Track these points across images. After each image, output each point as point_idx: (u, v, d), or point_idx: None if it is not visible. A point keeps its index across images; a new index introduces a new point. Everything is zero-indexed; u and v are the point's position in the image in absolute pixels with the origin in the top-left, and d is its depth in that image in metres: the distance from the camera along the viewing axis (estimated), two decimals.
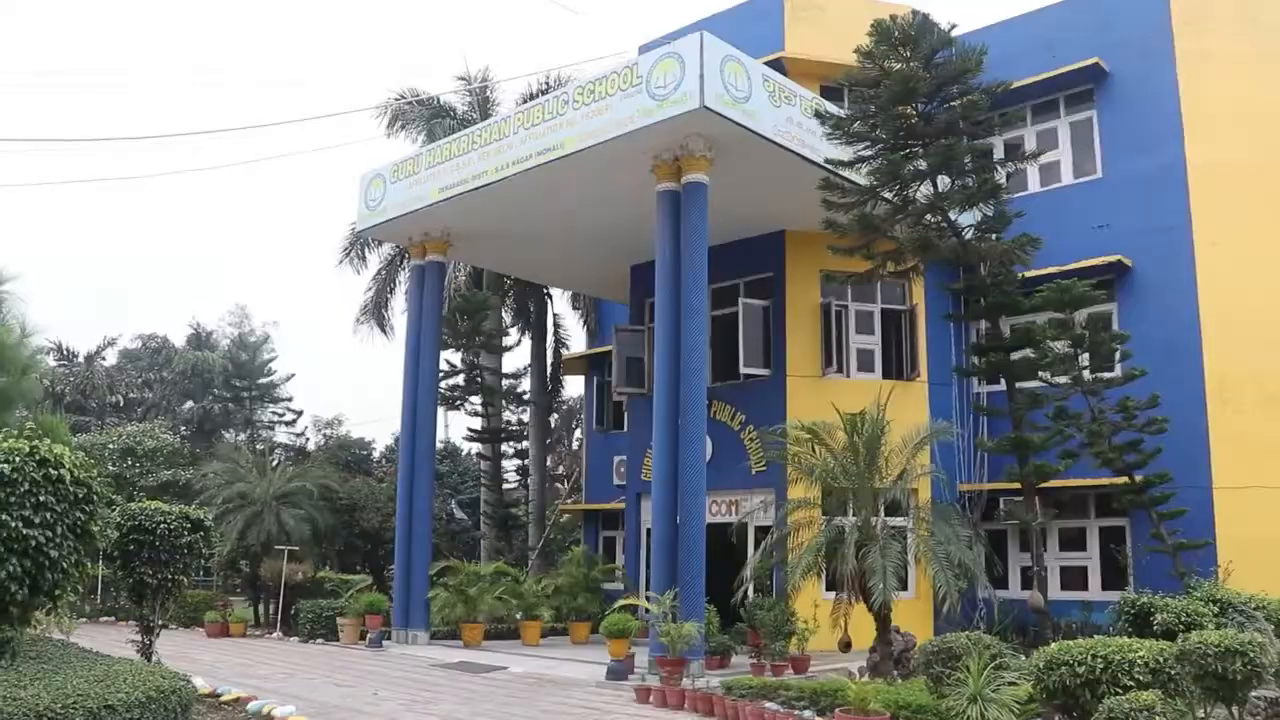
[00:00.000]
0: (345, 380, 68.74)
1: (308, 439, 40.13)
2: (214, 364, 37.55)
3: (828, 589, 16.95)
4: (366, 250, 31.38)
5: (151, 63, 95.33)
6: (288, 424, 39.43)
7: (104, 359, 41.35)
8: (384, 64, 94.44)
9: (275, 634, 22.71)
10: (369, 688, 14.75)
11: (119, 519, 11.87)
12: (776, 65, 20.58)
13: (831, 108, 17.96)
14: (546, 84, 28.98)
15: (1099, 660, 9.88)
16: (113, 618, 24.27)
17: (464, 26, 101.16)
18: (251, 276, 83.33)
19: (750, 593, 16.84)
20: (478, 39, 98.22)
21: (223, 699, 12.48)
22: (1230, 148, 19.75)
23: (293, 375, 39.17)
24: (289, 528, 24.00)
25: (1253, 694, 10.28)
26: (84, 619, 22.08)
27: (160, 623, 12.54)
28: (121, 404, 38.92)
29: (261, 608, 25.64)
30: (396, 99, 30.98)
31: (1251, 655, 9.52)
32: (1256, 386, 18.83)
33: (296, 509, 24.55)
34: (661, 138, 16.72)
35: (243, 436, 36.98)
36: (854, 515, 14.63)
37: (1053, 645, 10.65)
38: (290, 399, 39.33)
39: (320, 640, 21.34)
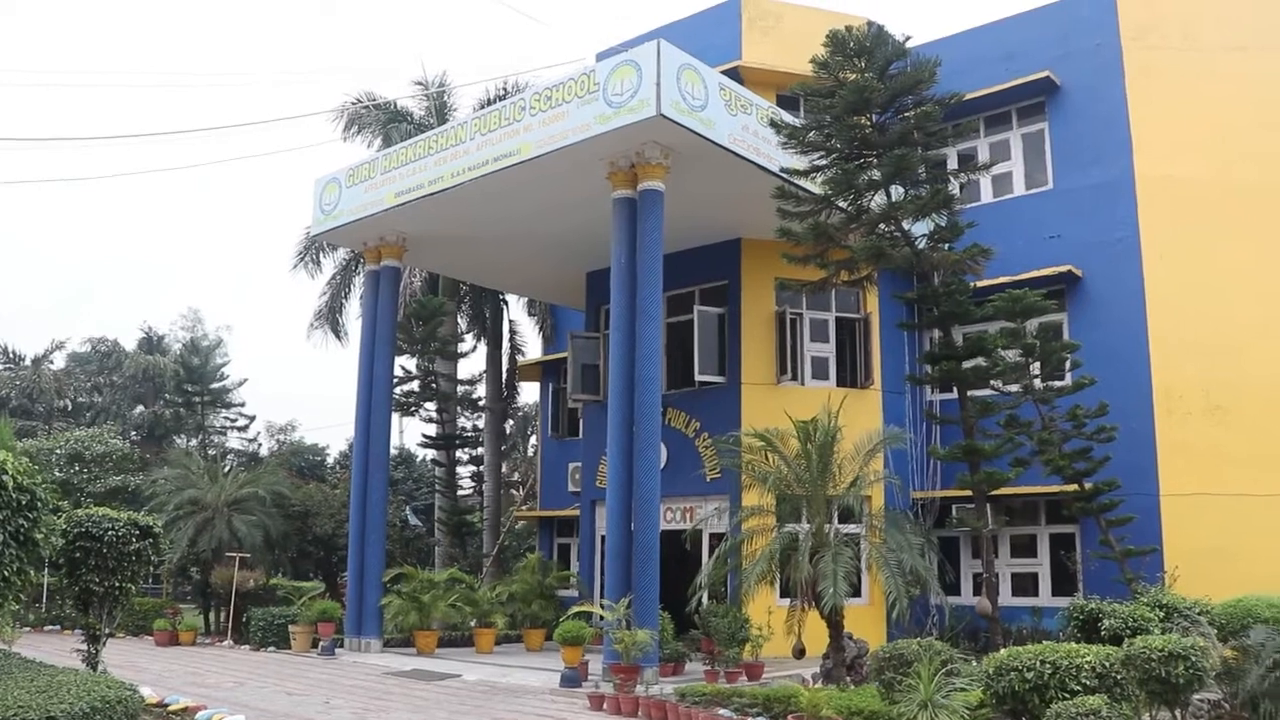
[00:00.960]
0: (299, 386, 68.34)
1: (261, 444, 39.86)
2: (165, 368, 37.20)
3: (782, 596, 17.07)
4: (321, 255, 31.17)
5: (116, 64, 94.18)
6: (240, 429, 39.14)
7: (52, 362, 40.81)
8: (342, 68, 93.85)
9: (226, 642, 22.45)
10: (320, 696, 14.64)
11: (65, 526, 11.67)
12: (733, 74, 20.68)
13: (787, 117, 18.06)
14: (504, 90, 28.98)
15: (1047, 665, 10.02)
16: (58, 626, 23.88)
17: (422, 31, 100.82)
18: (205, 280, 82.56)
19: (704, 600, 16.85)
20: (436, 44, 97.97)
21: (170, 709, 12.32)
22: (1177, 162, 20.10)
23: (246, 380, 38.78)
24: (241, 534, 23.75)
25: (1195, 697, 10.47)
26: (28, 628, 21.75)
27: (107, 631, 12.35)
28: (70, 408, 38.44)
29: (212, 615, 25.34)
30: (353, 103, 30.83)
31: (1194, 659, 9.73)
32: (1202, 395, 19.15)
33: (249, 515, 24.29)
34: (618, 145, 16.74)
35: (194, 442, 36.57)
36: (808, 522, 14.71)
37: (1002, 651, 10.78)
38: (243, 404, 38.99)
39: (272, 648, 21.12)
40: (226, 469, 28.10)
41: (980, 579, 17.71)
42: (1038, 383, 18.33)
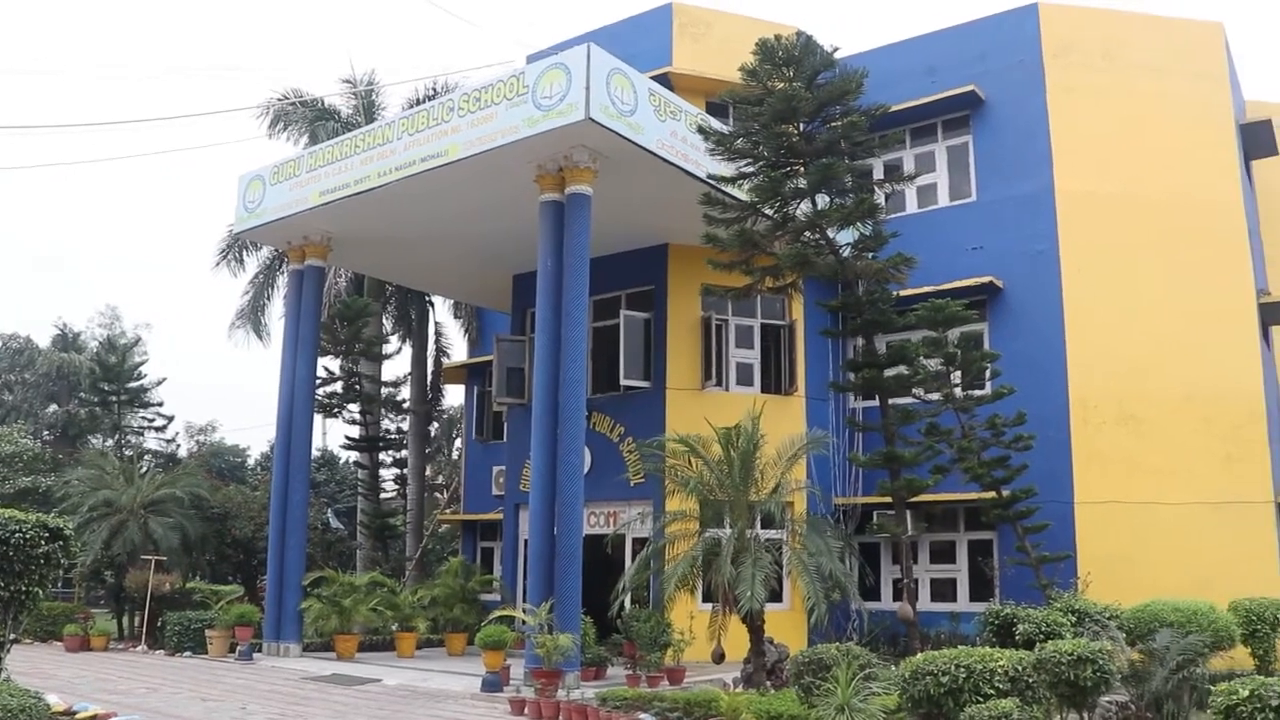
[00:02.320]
0: (221, 386, 67.17)
1: (179, 445, 39.08)
2: (80, 366, 36.35)
3: (704, 601, 17.12)
4: (245, 253, 30.69)
5: (34, 54, 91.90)
6: (158, 430, 38.22)
7: None
8: (268, 62, 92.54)
9: (140, 647, 21.94)
10: (237, 702, 14.38)
11: None
12: (663, 80, 20.74)
13: (716, 124, 18.16)
14: (433, 90, 28.79)
15: (962, 670, 10.16)
16: None
17: (351, 29, 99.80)
18: (124, 277, 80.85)
19: (627, 604, 16.87)
20: (365, 43, 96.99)
21: (78, 716, 11.99)
22: (1096, 177, 20.57)
23: (164, 379, 37.92)
24: (157, 537, 23.23)
25: (1103, 699, 10.71)
26: None
27: (12, 637, 11.97)
28: None
29: (126, 620, 24.76)
30: (279, 99, 30.40)
31: (1101, 662, 9.96)
32: (1116, 406, 19.59)
33: (166, 517, 23.77)
34: (546, 148, 16.70)
35: (110, 442, 35.69)
36: (730, 527, 14.77)
37: (918, 655, 10.91)
38: (161, 404, 38.07)
39: (188, 653, 20.70)
40: (143, 470, 27.46)
41: (900, 584, 17.90)
42: (958, 391, 18.60)
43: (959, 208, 22.05)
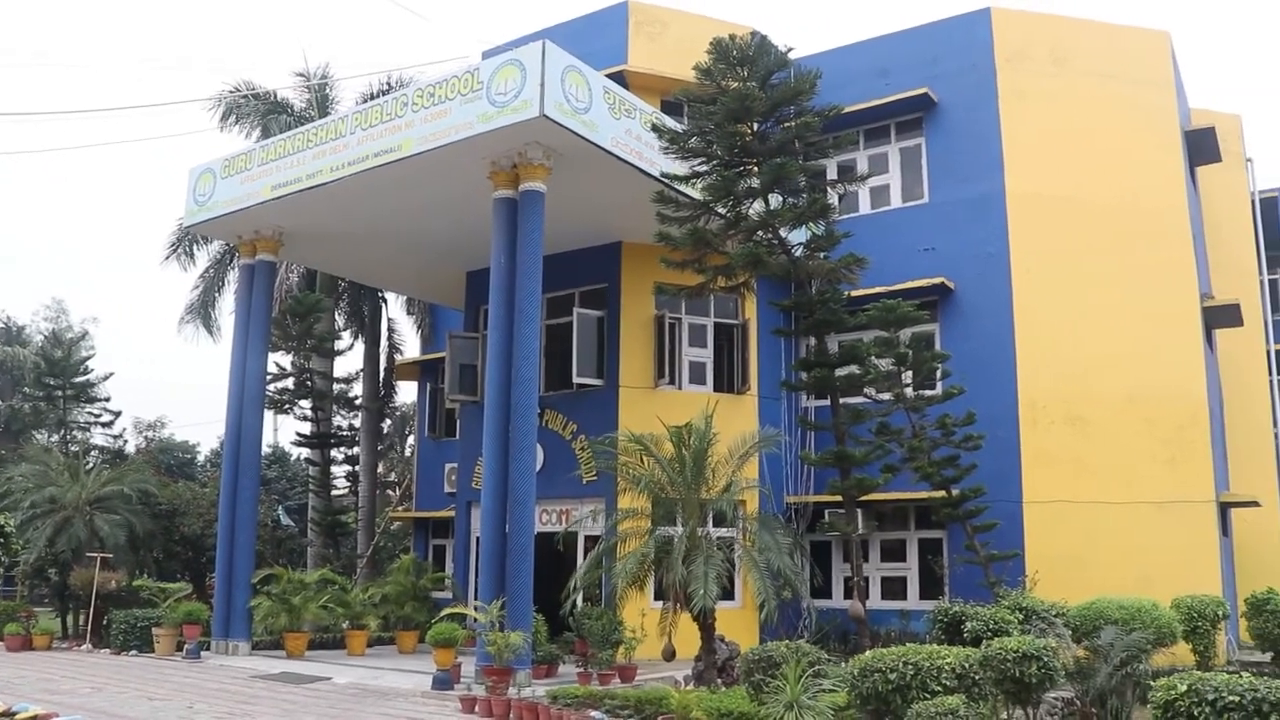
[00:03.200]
0: (170, 381, 66.35)
1: (127, 441, 38.57)
2: (25, 360, 35.75)
3: (656, 598, 17.14)
4: (195, 247, 30.37)
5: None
6: (105, 425, 37.78)
7: None
8: (220, 54, 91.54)
9: (85, 646, 21.60)
10: (184, 701, 14.21)
11: None
12: (619, 78, 20.75)
13: (671, 122, 18.18)
14: (388, 85, 28.60)
15: (909, 667, 10.23)
16: None
17: (305, 23, 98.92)
18: (71, 270, 79.62)
19: (579, 602, 16.86)
20: (319, 36, 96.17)
21: (18, 717, 11.81)
22: (1045, 181, 20.83)
23: (112, 374, 37.57)
24: (103, 534, 22.93)
25: (1049, 695, 10.85)
26: None
27: None
28: None
29: (71, 619, 24.39)
30: (231, 92, 30.08)
31: (1045, 659, 10.11)
32: (1062, 406, 19.85)
33: (112, 514, 23.48)
34: (500, 144, 16.64)
35: (55, 438, 35.18)
36: (682, 525, 14.81)
37: (867, 653, 10.99)
38: (108, 399, 37.71)
39: (134, 652, 20.41)
40: (89, 466, 27.12)
41: (851, 582, 18.03)
42: (909, 391, 18.76)
43: (911, 209, 22.23)
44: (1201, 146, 22.84)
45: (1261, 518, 22.62)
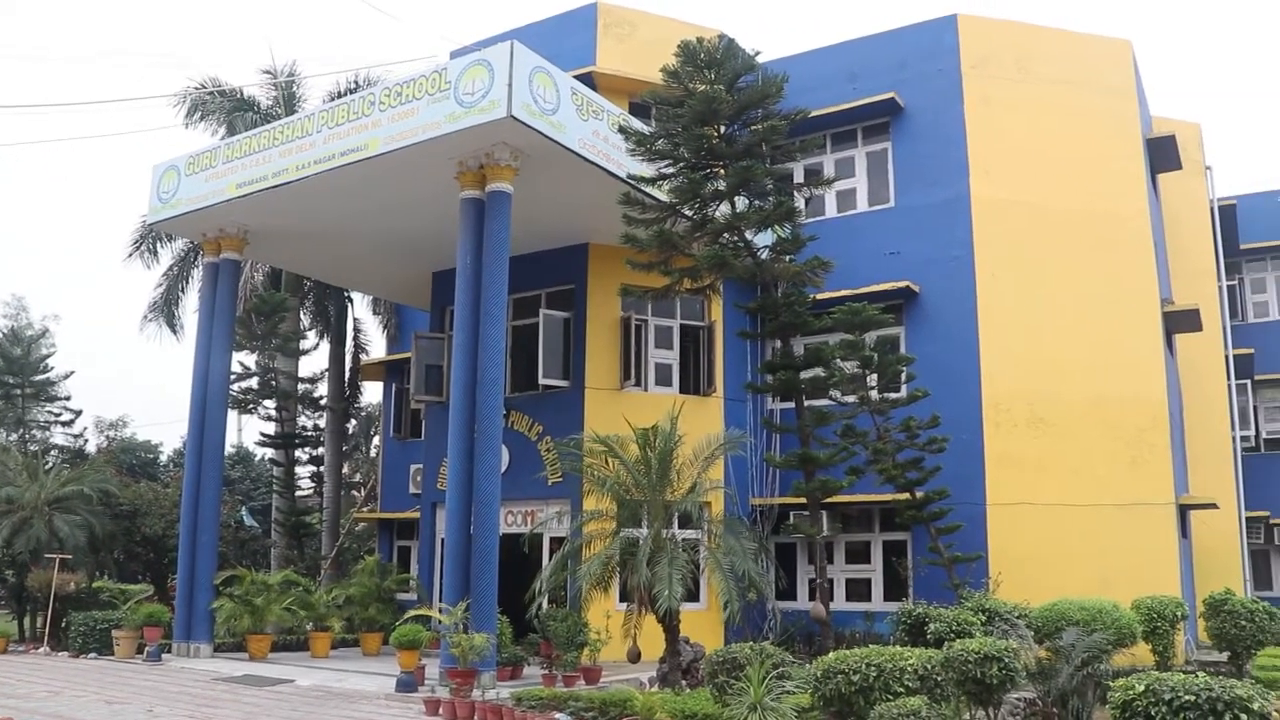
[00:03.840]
0: (133, 380, 65.70)
1: (88, 440, 38.15)
2: None
3: (621, 600, 17.15)
4: (159, 245, 30.01)
5: None
6: (65, 424, 37.34)
7: None
8: (184, 49, 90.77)
9: (43, 649, 21.33)
10: (143, 704, 14.11)
11: None
12: (587, 80, 20.74)
13: (639, 124, 18.20)
14: (355, 83, 28.39)
15: (872, 668, 10.32)
16: None
17: (271, 19, 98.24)
18: (31, 266, 78.66)
19: (544, 604, 16.83)
20: (286, 34, 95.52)
21: None
22: (1009, 186, 21.01)
23: (72, 373, 37.18)
24: (63, 535, 22.63)
25: (1012, 696, 10.95)
26: None
27: None
28: None
29: (28, 621, 24.07)
30: (196, 88, 29.79)
31: (1006, 660, 10.21)
32: (1026, 409, 20.01)
33: (72, 515, 23.18)
34: (467, 145, 16.60)
35: (14, 437, 34.75)
36: (647, 527, 14.82)
37: (831, 654, 11.05)
38: (69, 398, 37.30)
39: (93, 655, 20.14)
40: (49, 465, 26.78)
41: (815, 584, 18.12)
42: (874, 394, 18.89)
43: (877, 213, 22.35)
44: (1162, 154, 23.10)
45: (1219, 520, 22.91)
